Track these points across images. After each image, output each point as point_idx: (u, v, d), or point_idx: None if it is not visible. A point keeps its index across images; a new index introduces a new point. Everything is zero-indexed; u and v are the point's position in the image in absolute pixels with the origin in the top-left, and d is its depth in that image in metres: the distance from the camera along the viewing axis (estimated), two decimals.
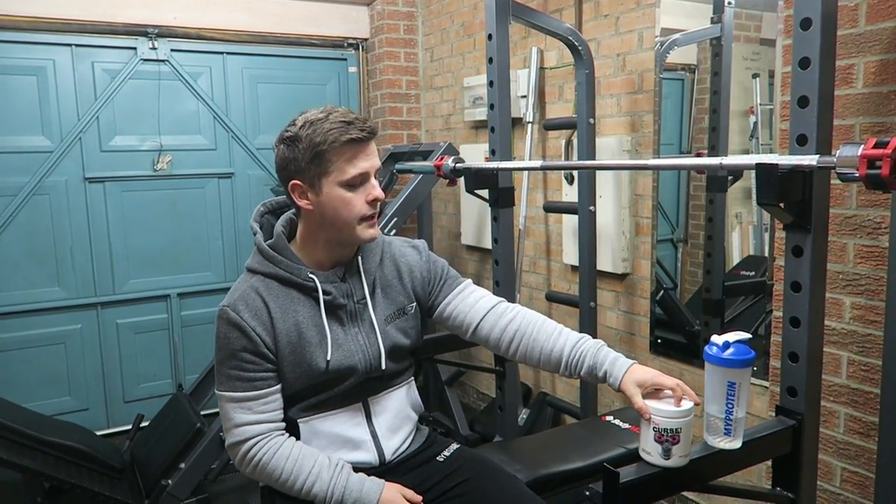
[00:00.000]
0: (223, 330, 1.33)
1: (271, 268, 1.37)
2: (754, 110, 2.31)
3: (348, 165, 1.31)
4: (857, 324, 1.81)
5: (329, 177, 1.31)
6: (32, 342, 3.34)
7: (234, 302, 1.34)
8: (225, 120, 3.66)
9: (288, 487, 1.33)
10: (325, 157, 1.30)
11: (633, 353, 2.72)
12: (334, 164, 1.30)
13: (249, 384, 1.33)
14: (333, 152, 1.29)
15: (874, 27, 1.70)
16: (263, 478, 1.35)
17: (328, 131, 1.28)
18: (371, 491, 1.33)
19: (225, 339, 1.33)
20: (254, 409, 1.33)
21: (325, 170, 1.31)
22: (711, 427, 1.21)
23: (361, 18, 3.98)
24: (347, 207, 1.32)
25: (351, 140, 1.29)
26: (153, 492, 2.61)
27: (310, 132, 1.30)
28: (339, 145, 1.29)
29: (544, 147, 3.10)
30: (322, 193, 1.32)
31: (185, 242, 3.63)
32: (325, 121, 1.30)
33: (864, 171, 1.10)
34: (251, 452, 1.33)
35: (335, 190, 1.31)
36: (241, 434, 1.33)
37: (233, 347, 1.32)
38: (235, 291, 1.37)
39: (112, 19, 3.33)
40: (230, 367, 1.33)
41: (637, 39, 2.55)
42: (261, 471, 1.33)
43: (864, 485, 1.83)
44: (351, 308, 1.42)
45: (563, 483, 1.77)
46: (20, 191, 3.24)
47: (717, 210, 2.45)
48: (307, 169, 1.32)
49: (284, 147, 1.36)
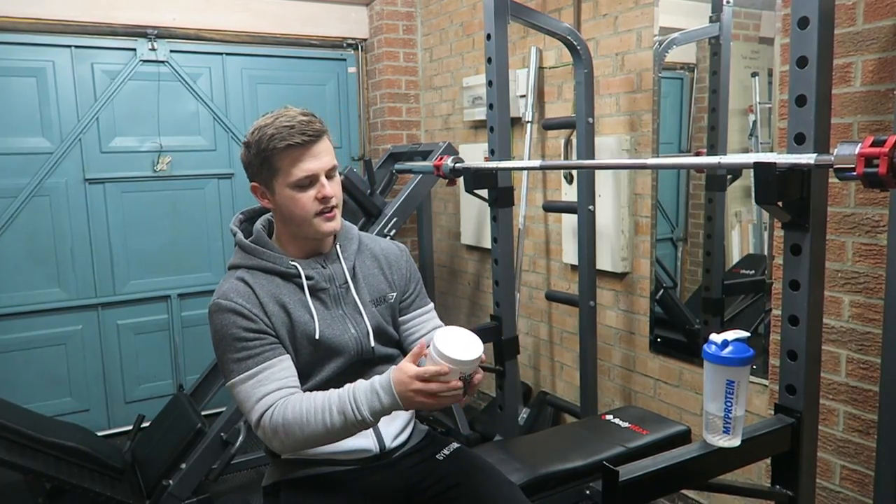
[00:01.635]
0: (219, 320, 1.36)
1: (254, 260, 1.43)
2: (753, 109, 2.31)
3: (293, 168, 1.35)
4: (856, 322, 1.82)
5: (278, 179, 1.37)
6: (33, 343, 3.34)
7: (224, 293, 1.38)
8: (224, 120, 3.66)
9: (316, 432, 1.29)
10: (270, 162, 1.36)
11: (632, 352, 2.72)
12: (280, 167, 1.36)
13: (257, 359, 1.34)
14: (278, 157, 1.35)
15: (872, 25, 1.70)
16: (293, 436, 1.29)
17: (271, 137, 1.33)
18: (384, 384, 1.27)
19: (223, 327, 1.35)
20: (269, 379, 1.34)
21: (273, 173, 1.37)
22: (710, 425, 1.21)
23: (360, 19, 3.98)
24: (298, 206, 1.37)
25: (290, 146, 1.33)
26: (154, 492, 2.61)
27: (257, 138, 1.36)
28: (281, 150, 1.34)
29: (543, 146, 3.10)
30: (276, 194, 1.39)
31: (185, 243, 3.63)
32: (271, 126, 1.34)
33: (862, 169, 1.10)
34: (273, 418, 1.30)
35: (286, 191, 1.37)
36: (261, 406, 1.31)
37: (232, 332, 1.34)
38: (221, 288, 1.41)
39: (111, 21, 3.34)
40: (235, 352, 1.34)
41: (636, 39, 2.55)
42: (287, 430, 1.29)
43: (864, 482, 1.83)
44: (333, 292, 1.46)
45: (563, 482, 1.78)
46: (20, 192, 3.24)
47: (717, 209, 2.45)
48: (259, 172, 1.39)
49: (244, 151, 1.42)
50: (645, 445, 1.89)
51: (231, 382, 1.36)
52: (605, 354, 2.84)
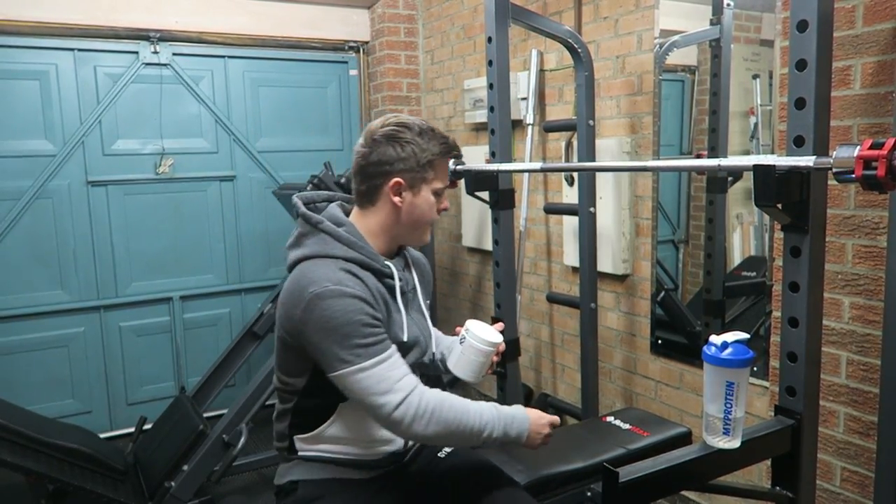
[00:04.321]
0: (341, 305, 1.31)
1: (352, 253, 1.40)
2: (754, 111, 2.31)
3: (443, 176, 1.49)
4: (856, 324, 1.82)
5: (429, 183, 1.46)
6: (36, 345, 3.34)
7: (338, 280, 1.34)
8: (226, 123, 3.67)
9: (464, 431, 1.36)
10: (434, 165, 1.45)
11: (633, 354, 2.73)
12: (437, 173, 1.46)
13: (386, 344, 1.35)
14: (439, 163, 1.46)
15: (871, 28, 1.71)
16: (440, 427, 1.34)
17: (442, 144, 1.45)
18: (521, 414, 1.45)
19: (347, 312, 1.31)
20: (401, 363, 1.36)
21: (429, 176, 1.45)
22: (710, 427, 1.21)
23: (362, 21, 3.99)
24: (429, 212, 1.48)
25: (452, 156, 1.50)
26: (156, 494, 2.61)
27: (429, 141, 1.44)
28: (444, 158, 1.47)
29: (544, 149, 3.11)
30: (418, 195, 1.45)
31: (187, 245, 3.64)
32: (435, 134, 1.46)
33: (861, 172, 1.11)
34: (422, 401, 1.33)
35: (428, 195, 1.46)
36: (406, 385, 1.33)
37: (360, 318, 1.32)
38: (325, 275, 1.35)
39: (114, 24, 3.35)
40: (362, 337, 1.32)
41: (636, 41, 2.56)
42: (437, 416, 1.33)
43: (864, 484, 1.83)
44: (410, 296, 1.53)
45: (563, 483, 1.78)
46: (23, 195, 3.25)
47: (718, 211, 2.45)
48: (417, 169, 1.43)
49: (392, 147, 1.42)
50: (645, 447, 1.89)
51: (356, 367, 1.31)
52: (606, 356, 2.84)
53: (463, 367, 1.50)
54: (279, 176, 3.78)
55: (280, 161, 3.81)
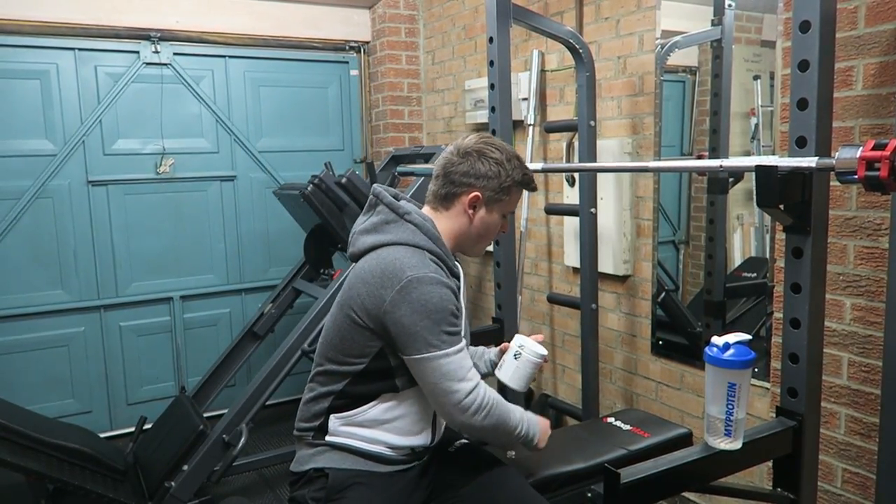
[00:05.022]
0: (437, 292, 1.38)
1: (436, 248, 1.48)
2: (755, 112, 2.31)
3: (514, 203, 1.59)
4: (858, 325, 1.82)
5: (502, 205, 1.55)
6: (36, 345, 3.34)
7: (435, 270, 1.42)
8: (227, 123, 3.67)
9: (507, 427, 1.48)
10: (510, 191, 1.54)
11: (634, 355, 2.73)
12: (511, 198, 1.56)
13: (462, 336, 1.44)
14: (516, 190, 1.56)
15: (873, 29, 1.71)
16: (496, 417, 1.44)
17: (524, 174, 1.55)
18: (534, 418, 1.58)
19: (441, 300, 1.38)
20: (468, 356, 1.45)
21: (504, 200, 1.54)
22: (712, 428, 1.21)
23: (363, 21, 3.99)
24: (492, 231, 1.58)
25: (530, 188, 1.61)
26: (156, 494, 2.61)
27: (514, 168, 1.53)
28: (520, 188, 1.57)
29: (545, 149, 3.11)
30: (491, 214, 1.54)
31: (187, 245, 3.64)
32: (520, 163, 1.56)
33: (863, 172, 1.11)
34: (486, 395, 1.43)
35: (497, 216, 1.56)
36: (475, 376, 1.43)
37: (450, 307, 1.40)
38: (421, 262, 1.42)
39: (115, 23, 3.35)
40: (449, 325, 1.40)
41: (637, 42, 2.56)
42: (494, 413, 1.43)
43: (865, 485, 1.83)
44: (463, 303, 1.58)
45: (564, 484, 1.78)
46: (23, 194, 3.25)
47: (719, 212, 2.45)
48: (497, 190, 1.52)
49: (481, 163, 1.51)
50: (646, 448, 1.89)
51: (442, 352, 1.38)
52: (606, 357, 2.84)
53: (518, 379, 1.60)
54: (280, 176, 3.78)
55: (280, 161, 3.81)
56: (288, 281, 3.45)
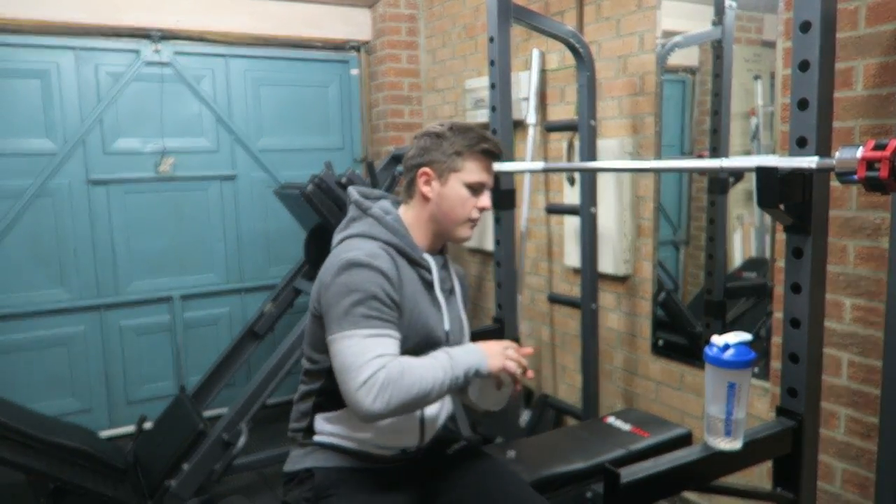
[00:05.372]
0: (364, 275, 1.36)
1: (394, 238, 1.47)
2: (755, 112, 2.31)
3: (477, 171, 1.50)
4: (858, 325, 1.82)
5: (458, 174, 1.48)
6: (36, 344, 3.34)
7: (369, 253, 1.40)
8: (227, 122, 3.67)
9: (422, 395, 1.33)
10: (463, 157, 1.48)
11: (634, 355, 2.73)
12: (467, 166, 1.48)
13: (388, 324, 1.37)
14: (473, 156, 1.49)
15: (874, 30, 1.71)
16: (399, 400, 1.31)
17: (473, 137, 1.48)
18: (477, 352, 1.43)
19: (363, 281, 1.36)
20: (391, 346, 1.36)
21: (457, 167, 1.48)
22: (712, 428, 1.21)
23: (363, 21, 3.99)
24: (462, 206, 1.50)
25: (486, 150, 1.50)
26: (156, 493, 2.62)
27: (457, 134, 1.49)
28: (478, 151, 1.49)
29: (546, 149, 3.11)
30: (447, 186, 1.49)
31: (187, 244, 3.64)
32: (472, 129, 1.50)
33: (863, 173, 1.11)
34: (389, 372, 1.31)
35: (459, 187, 1.49)
36: (377, 363, 1.31)
37: (373, 290, 1.36)
38: (360, 249, 1.41)
39: (115, 22, 3.35)
40: (370, 308, 1.35)
41: (638, 42, 2.56)
42: (395, 394, 1.30)
43: (865, 485, 1.83)
44: (444, 294, 1.56)
45: (564, 484, 1.78)
46: (24, 193, 3.25)
47: (719, 212, 2.45)
48: (443, 161, 1.48)
49: (427, 139, 1.51)
50: (646, 448, 1.89)
51: (348, 333, 1.33)
52: (606, 357, 2.84)
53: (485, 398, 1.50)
54: (280, 175, 3.78)
55: (281, 160, 3.81)
56: (288, 280, 3.46)
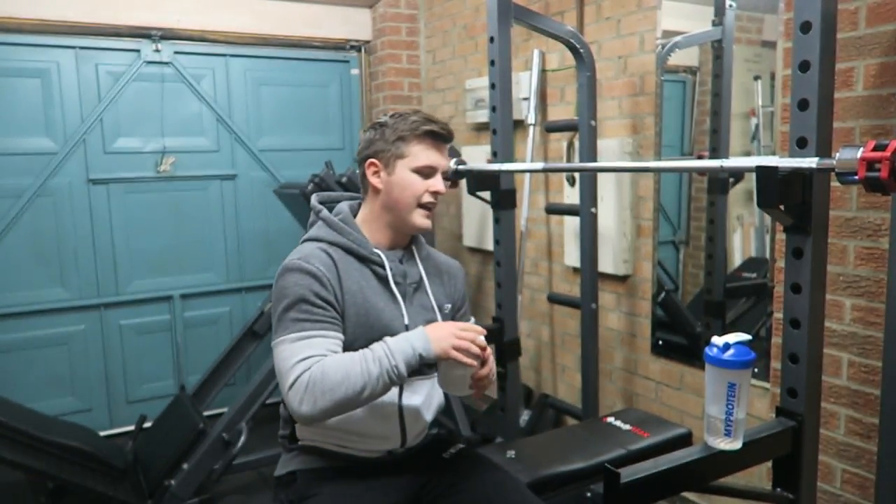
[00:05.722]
0: (293, 279, 1.36)
1: (339, 238, 1.46)
2: (756, 112, 2.31)
3: (423, 154, 1.46)
4: (858, 325, 1.82)
5: (404, 160, 1.45)
6: (36, 343, 3.34)
7: (305, 257, 1.39)
8: (228, 122, 3.67)
9: (355, 386, 1.28)
10: (406, 141, 1.45)
11: (634, 355, 2.73)
12: (411, 150, 1.45)
13: (316, 325, 1.35)
14: (415, 140, 1.45)
15: (874, 30, 1.71)
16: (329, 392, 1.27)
17: (413, 122, 1.45)
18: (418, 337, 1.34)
19: (293, 285, 1.36)
20: (320, 346, 1.33)
21: (402, 153, 1.45)
22: (712, 428, 1.21)
23: (363, 21, 3.99)
24: (410, 191, 1.45)
25: (430, 132, 1.45)
26: (156, 492, 2.61)
27: (397, 121, 1.46)
28: (420, 134, 1.45)
29: (546, 149, 3.11)
30: (394, 174, 1.46)
31: (188, 244, 3.64)
32: (413, 114, 1.48)
33: (864, 173, 1.11)
34: (312, 374, 1.28)
35: (407, 173, 1.45)
36: (302, 366, 1.29)
37: (302, 293, 1.35)
38: (300, 252, 1.42)
39: (116, 22, 3.35)
40: (299, 312, 1.34)
41: (638, 42, 2.56)
42: (324, 385, 1.27)
43: (865, 486, 1.83)
44: (404, 289, 1.50)
45: (564, 483, 1.78)
46: (24, 192, 3.25)
47: (719, 212, 2.45)
48: (387, 150, 1.46)
49: (371, 131, 1.49)
50: (646, 448, 1.89)
51: (279, 340, 1.34)
52: (606, 357, 2.84)
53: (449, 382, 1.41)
54: (280, 175, 3.78)
55: (281, 160, 3.81)
56: None
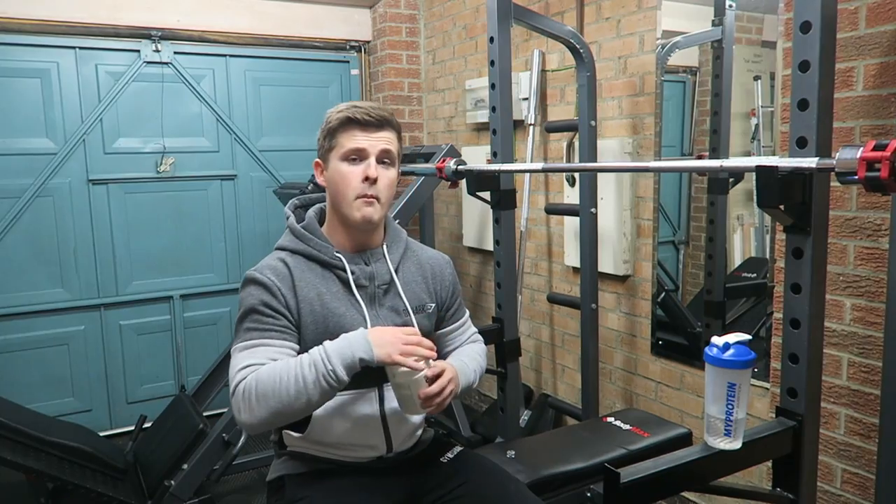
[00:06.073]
0: (247, 290, 1.39)
1: (300, 245, 1.45)
2: (756, 112, 2.31)
3: (347, 140, 1.41)
4: (858, 325, 1.82)
5: (333, 151, 1.43)
6: (36, 343, 3.35)
7: (260, 267, 1.42)
8: (228, 122, 3.67)
9: (288, 391, 1.25)
10: (334, 134, 1.43)
11: (634, 355, 2.73)
12: (338, 141, 1.42)
13: (263, 334, 1.35)
14: (339, 130, 1.42)
15: (874, 30, 1.71)
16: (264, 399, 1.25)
17: (339, 111, 1.43)
18: (359, 340, 1.30)
19: (247, 296, 1.38)
20: (263, 354, 1.32)
21: (331, 146, 1.44)
22: (712, 428, 1.21)
23: (364, 21, 3.99)
24: (344, 181, 1.41)
25: (350, 118, 1.41)
26: (156, 492, 2.61)
27: (329, 114, 1.45)
28: (343, 120, 1.41)
29: (546, 149, 3.11)
30: (329, 168, 1.45)
31: (187, 244, 3.64)
32: (343, 105, 1.44)
33: (864, 173, 1.10)
34: (247, 381, 1.27)
35: (337, 164, 1.42)
36: (243, 373, 1.29)
37: (253, 303, 1.36)
38: (261, 263, 1.44)
39: (116, 22, 3.35)
40: (249, 322, 1.36)
41: (638, 42, 2.56)
42: (259, 392, 1.25)
43: (865, 486, 1.83)
44: (371, 291, 1.46)
45: (564, 484, 1.78)
46: (24, 193, 3.25)
47: (719, 212, 2.45)
48: (323, 146, 1.46)
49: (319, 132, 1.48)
50: (646, 448, 1.89)
51: (232, 349, 1.37)
52: (606, 357, 2.84)
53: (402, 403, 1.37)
54: (280, 175, 3.78)
55: (281, 160, 3.81)
56: None
